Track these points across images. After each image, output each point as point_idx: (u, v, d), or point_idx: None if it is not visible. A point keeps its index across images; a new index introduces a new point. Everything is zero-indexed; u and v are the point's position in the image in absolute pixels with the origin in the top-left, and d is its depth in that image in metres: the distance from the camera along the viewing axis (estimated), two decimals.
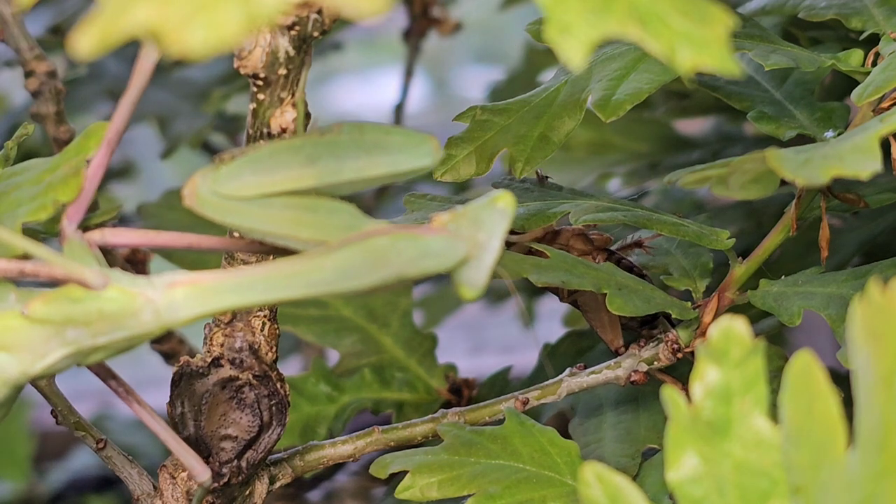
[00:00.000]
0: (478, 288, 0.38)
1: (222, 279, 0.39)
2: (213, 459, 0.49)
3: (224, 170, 0.39)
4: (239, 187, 0.39)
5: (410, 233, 0.37)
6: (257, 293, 0.39)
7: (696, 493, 0.37)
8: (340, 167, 0.38)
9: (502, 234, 0.37)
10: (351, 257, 0.38)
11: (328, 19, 0.42)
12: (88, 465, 1.02)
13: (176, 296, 0.39)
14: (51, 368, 0.40)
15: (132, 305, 0.39)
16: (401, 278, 0.38)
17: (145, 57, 0.39)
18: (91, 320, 0.39)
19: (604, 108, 0.50)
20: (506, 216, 0.37)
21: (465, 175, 0.52)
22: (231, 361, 0.48)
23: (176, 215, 0.73)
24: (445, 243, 0.37)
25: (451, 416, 0.54)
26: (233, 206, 0.39)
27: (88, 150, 0.42)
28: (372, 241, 0.38)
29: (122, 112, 0.39)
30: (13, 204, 0.43)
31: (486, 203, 0.38)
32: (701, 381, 0.37)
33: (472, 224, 0.37)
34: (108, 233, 0.41)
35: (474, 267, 0.37)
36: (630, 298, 0.50)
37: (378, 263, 0.37)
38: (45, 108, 0.65)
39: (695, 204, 0.70)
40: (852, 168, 0.40)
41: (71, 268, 0.39)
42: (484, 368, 0.64)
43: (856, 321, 0.35)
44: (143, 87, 0.39)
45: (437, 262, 0.37)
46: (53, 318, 0.39)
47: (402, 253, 0.37)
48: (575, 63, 0.33)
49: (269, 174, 0.39)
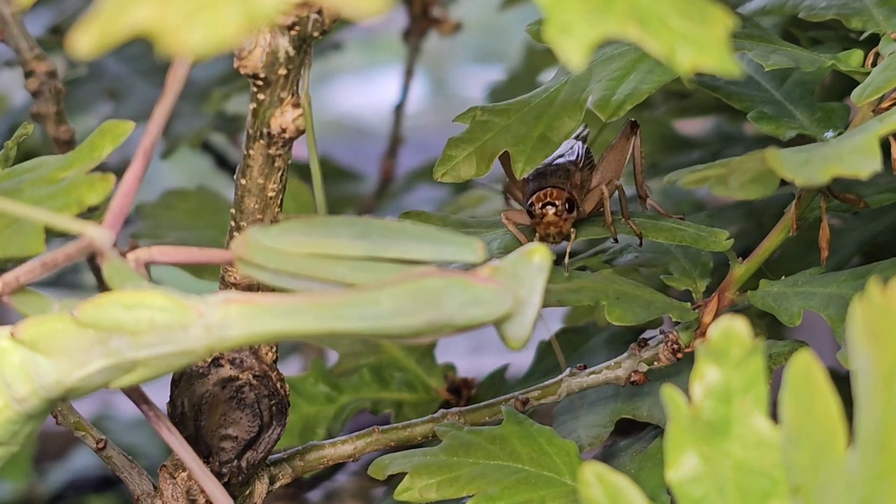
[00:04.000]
0: (523, 341, 0.38)
1: (277, 302, 0.38)
2: (213, 459, 0.49)
3: (277, 227, 0.39)
4: (290, 243, 0.39)
5: (463, 278, 0.37)
6: (309, 320, 0.38)
7: (696, 493, 0.37)
8: (389, 245, 0.39)
9: (542, 289, 0.38)
10: (405, 293, 0.37)
11: (328, 19, 0.42)
12: (88, 465, 1.02)
13: (230, 313, 0.38)
14: (86, 381, 0.38)
15: (184, 318, 0.38)
16: (450, 324, 0.38)
17: (178, 66, 0.38)
18: (140, 329, 0.38)
19: (604, 108, 0.50)
20: (543, 270, 0.38)
21: (466, 176, 0.52)
22: (231, 361, 0.48)
23: (174, 215, 0.73)
24: (495, 294, 0.38)
25: (451, 416, 0.54)
26: (283, 257, 0.39)
27: (103, 148, 0.42)
28: (426, 280, 0.37)
29: (157, 121, 0.39)
30: (29, 201, 0.42)
31: (522, 258, 0.38)
32: (701, 380, 0.37)
33: (511, 280, 0.38)
34: (155, 251, 0.40)
35: (518, 322, 0.38)
36: (630, 307, 0.50)
37: (430, 304, 0.37)
38: (45, 108, 0.65)
39: (695, 204, 0.70)
40: (852, 168, 0.40)
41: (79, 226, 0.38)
42: (483, 368, 0.64)
43: (856, 321, 0.35)
44: (176, 95, 0.38)
45: (485, 312, 0.37)
46: (103, 322, 0.38)
47: (455, 297, 0.37)
48: (575, 63, 0.33)
49: (321, 237, 0.38)
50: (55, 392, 0.39)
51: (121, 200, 0.39)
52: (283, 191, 0.46)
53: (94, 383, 0.39)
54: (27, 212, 0.40)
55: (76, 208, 0.41)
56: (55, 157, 0.44)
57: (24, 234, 0.41)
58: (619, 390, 0.56)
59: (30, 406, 0.39)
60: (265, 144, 0.44)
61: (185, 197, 0.74)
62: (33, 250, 0.41)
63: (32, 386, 0.39)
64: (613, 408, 0.56)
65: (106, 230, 0.39)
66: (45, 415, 0.40)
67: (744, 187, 0.43)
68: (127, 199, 0.40)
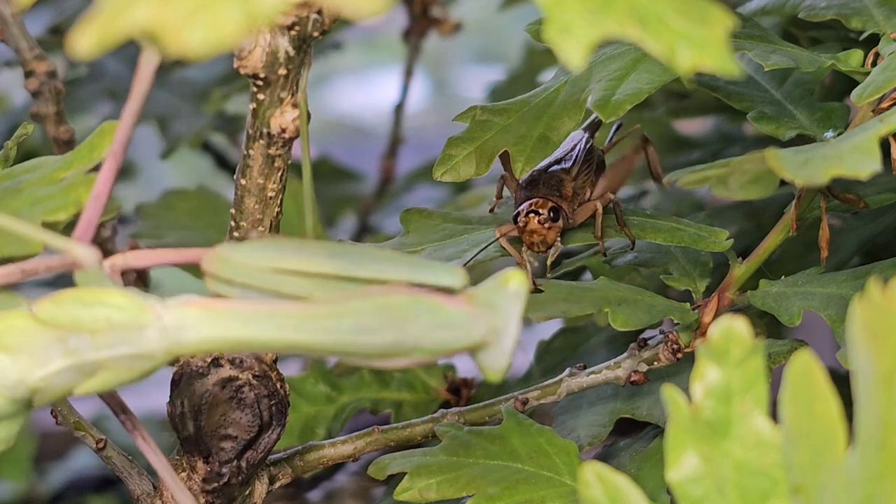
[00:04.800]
0: (501, 372, 0.36)
1: (238, 307, 0.37)
2: (213, 459, 0.49)
3: (248, 243, 0.38)
4: (261, 258, 0.37)
5: (432, 299, 0.36)
6: (269, 329, 0.36)
7: (696, 493, 0.37)
8: (362, 265, 0.37)
9: (518, 317, 0.36)
10: (367, 309, 0.36)
11: (328, 19, 0.42)
12: (88, 465, 1.02)
13: (187, 315, 0.37)
14: (49, 382, 0.37)
15: (139, 318, 0.37)
16: (417, 348, 0.36)
17: (145, 63, 0.38)
18: (97, 328, 0.37)
19: (604, 109, 0.50)
20: (519, 298, 0.36)
21: (465, 175, 0.52)
22: (231, 361, 0.48)
23: (174, 215, 0.73)
24: (466, 318, 0.35)
25: (451, 416, 0.54)
26: (251, 272, 0.37)
27: (102, 148, 0.42)
28: (390, 297, 0.36)
29: (126, 122, 0.38)
30: (28, 202, 0.42)
31: (497, 284, 0.36)
32: (701, 380, 0.37)
33: (485, 308, 0.36)
34: (130, 256, 0.39)
35: (494, 353, 0.36)
36: (633, 311, 0.50)
37: (393, 323, 0.35)
38: (45, 108, 0.64)
39: (695, 204, 0.70)
40: (852, 168, 0.40)
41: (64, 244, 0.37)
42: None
43: (856, 321, 0.35)
44: (145, 93, 0.38)
45: (455, 336, 0.35)
46: (60, 319, 0.37)
47: (420, 317, 0.35)
48: (574, 63, 0.33)
49: (293, 254, 0.37)
50: (19, 392, 0.37)
51: (91, 212, 0.38)
52: (282, 191, 0.46)
53: (58, 386, 0.37)
54: (17, 226, 0.39)
55: (74, 208, 0.40)
56: (55, 157, 0.44)
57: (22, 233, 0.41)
58: (619, 390, 0.56)
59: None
60: (265, 144, 0.44)
61: (185, 197, 0.74)
62: (31, 249, 0.41)
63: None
64: (613, 407, 0.56)
65: (90, 249, 0.38)
66: (16, 419, 0.38)
67: (744, 188, 0.43)
68: (97, 203, 0.38)
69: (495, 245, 0.52)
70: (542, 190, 0.53)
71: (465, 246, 0.53)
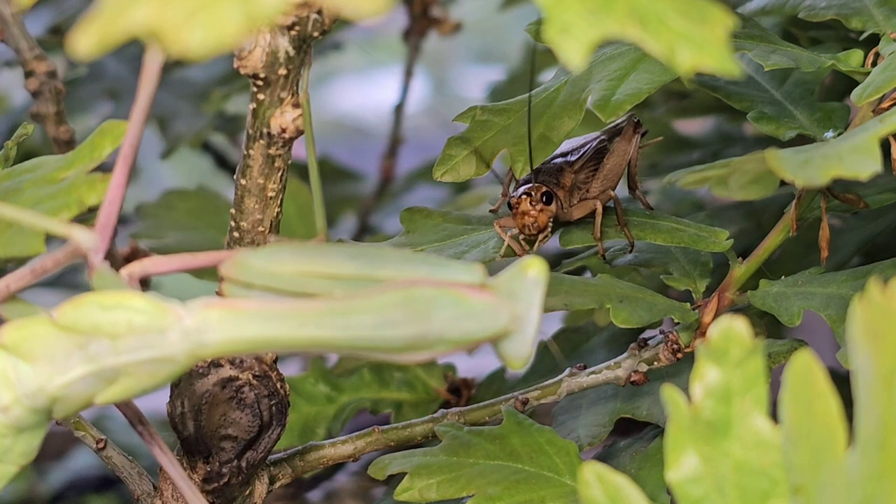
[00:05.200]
0: (524, 360, 0.36)
1: (258, 307, 0.36)
2: (213, 459, 0.49)
3: (266, 248, 0.38)
4: (281, 261, 0.37)
5: (455, 290, 0.36)
6: (291, 327, 0.36)
7: (696, 493, 0.37)
8: (382, 265, 0.37)
9: (539, 305, 0.36)
10: (390, 303, 0.35)
11: (328, 19, 0.42)
12: (88, 465, 1.02)
13: (209, 317, 0.36)
14: (69, 390, 0.37)
15: (162, 321, 0.36)
16: (441, 340, 0.36)
17: (150, 61, 0.38)
18: (118, 332, 0.36)
19: (603, 109, 0.50)
20: (540, 285, 0.36)
21: (465, 175, 0.52)
22: (231, 361, 0.48)
23: (174, 215, 0.73)
24: (489, 308, 0.35)
25: (451, 416, 0.54)
26: (271, 276, 0.37)
27: (103, 148, 0.42)
28: (414, 290, 0.35)
29: (136, 122, 0.38)
30: (30, 201, 0.41)
31: (517, 272, 0.36)
32: (701, 380, 0.37)
33: (506, 296, 0.36)
34: (148, 263, 0.38)
35: (517, 340, 0.36)
36: (635, 309, 0.50)
37: (418, 315, 0.35)
38: (45, 108, 0.64)
39: (695, 204, 0.70)
40: (852, 168, 0.40)
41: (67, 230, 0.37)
42: (483, 368, 0.65)
43: (856, 321, 0.35)
44: (153, 92, 0.37)
45: (479, 326, 0.35)
46: (81, 325, 0.36)
47: (445, 309, 0.35)
48: (574, 63, 0.33)
49: (312, 256, 0.37)
50: (39, 401, 0.37)
51: (108, 208, 0.38)
52: (283, 191, 0.46)
53: (79, 393, 0.37)
54: (16, 214, 0.39)
55: (76, 208, 0.40)
56: (55, 157, 0.44)
57: (24, 235, 0.41)
58: (619, 390, 0.56)
59: (15, 416, 0.37)
60: (265, 144, 0.44)
61: (185, 197, 0.74)
62: (34, 251, 0.40)
63: (15, 393, 0.37)
64: (613, 407, 0.56)
65: (92, 233, 0.38)
66: (37, 431, 0.38)
67: (744, 188, 0.43)
68: (114, 207, 0.38)
69: (496, 241, 0.52)
70: (541, 177, 0.53)
71: (465, 247, 0.53)
